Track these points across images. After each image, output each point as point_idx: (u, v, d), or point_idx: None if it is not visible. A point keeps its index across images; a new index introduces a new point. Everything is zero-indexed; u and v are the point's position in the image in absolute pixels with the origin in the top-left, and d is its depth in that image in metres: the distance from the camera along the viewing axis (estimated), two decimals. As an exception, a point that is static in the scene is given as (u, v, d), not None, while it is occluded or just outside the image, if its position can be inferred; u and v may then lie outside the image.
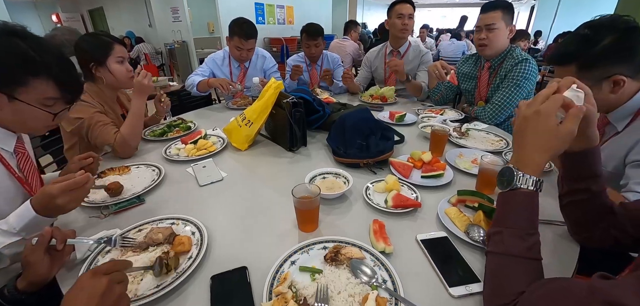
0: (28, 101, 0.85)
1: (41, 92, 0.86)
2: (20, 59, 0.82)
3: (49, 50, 0.88)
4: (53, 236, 0.69)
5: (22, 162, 0.96)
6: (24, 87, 0.84)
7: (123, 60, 1.48)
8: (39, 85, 0.85)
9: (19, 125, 0.92)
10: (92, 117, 1.35)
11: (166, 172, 1.20)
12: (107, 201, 1.01)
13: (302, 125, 1.35)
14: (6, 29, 0.83)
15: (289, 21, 8.85)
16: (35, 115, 0.88)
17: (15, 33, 0.83)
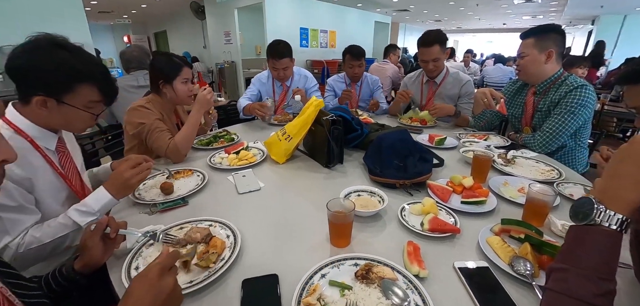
0: (74, 104, 0.95)
1: (85, 97, 0.96)
2: (68, 69, 0.91)
3: (91, 60, 0.98)
4: (108, 225, 0.76)
5: (62, 160, 1.06)
6: (70, 92, 0.93)
7: (187, 81, 1.64)
8: (83, 91, 0.95)
9: (64, 126, 1.02)
10: (152, 123, 1.49)
11: (209, 178, 1.28)
12: (156, 200, 1.11)
13: (339, 143, 1.37)
14: (52, 41, 0.92)
15: (330, 45, 9.13)
16: (79, 116, 0.98)
17: (61, 45, 0.93)
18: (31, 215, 0.92)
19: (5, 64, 0.90)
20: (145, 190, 1.19)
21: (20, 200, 0.89)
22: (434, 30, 2.11)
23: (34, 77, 0.90)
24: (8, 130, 0.93)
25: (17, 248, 0.87)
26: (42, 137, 0.98)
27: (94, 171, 1.34)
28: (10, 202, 0.86)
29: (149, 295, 0.51)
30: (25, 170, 0.90)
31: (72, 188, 1.06)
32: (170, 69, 1.60)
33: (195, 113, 1.55)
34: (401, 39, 16.03)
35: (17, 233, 0.88)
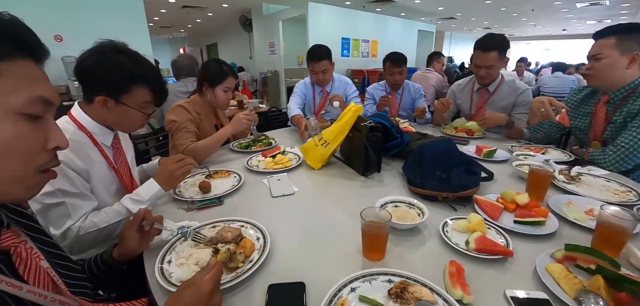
0: (130, 104, 1.04)
1: (139, 97, 1.04)
2: (126, 71, 1.00)
3: (146, 64, 1.06)
4: (144, 218, 0.79)
5: (116, 155, 1.15)
6: (127, 93, 1.02)
7: (228, 90, 1.74)
8: (138, 91, 1.04)
9: (119, 124, 1.10)
10: (182, 122, 1.59)
11: (245, 180, 1.30)
12: (194, 197, 1.14)
13: (377, 151, 1.31)
14: (114, 47, 1.01)
15: (372, 54, 9.05)
16: (133, 116, 1.06)
17: (121, 50, 1.02)
18: (90, 202, 1.01)
19: (75, 66, 1.01)
20: (185, 188, 1.24)
21: (81, 187, 0.97)
22: (497, 35, 1.93)
23: (98, 78, 1.00)
24: (72, 125, 1.03)
25: (78, 231, 0.95)
26: (101, 134, 1.07)
27: (144, 167, 1.44)
28: (72, 188, 0.95)
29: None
30: (85, 162, 0.98)
31: (122, 182, 1.14)
32: (217, 75, 1.71)
33: (226, 129, 1.64)
34: (446, 48, 15.40)
35: (78, 217, 0.96)
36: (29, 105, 0.46)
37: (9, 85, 0.44)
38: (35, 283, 0.51)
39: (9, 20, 0.46)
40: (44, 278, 0.53)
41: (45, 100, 0.48)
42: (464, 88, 2.28)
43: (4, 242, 0.49)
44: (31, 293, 0.48)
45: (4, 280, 0.45)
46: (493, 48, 1.91)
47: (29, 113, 0.46)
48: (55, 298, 0.51)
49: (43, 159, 0.50)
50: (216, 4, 8.51)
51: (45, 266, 0.54)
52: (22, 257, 0.51)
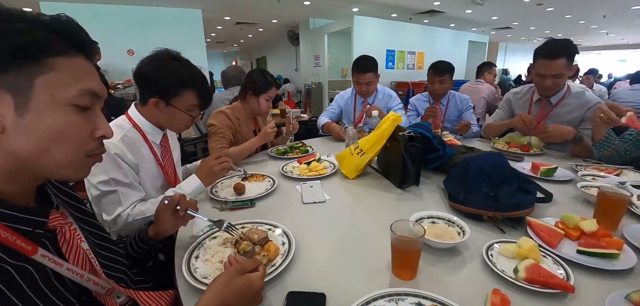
0: (179, 107, 1.13)
1: (187, 100, 1.13)
2: (178, 77, 1.10)
3: (195, 71, 1.15)
4: (179, 203, 0.83)
5: (164, 153, 1.24)
6: (177, 96, 1.11)
7: (270, 100, 1.82)
8: (186, 95, 1.13)
9: (168, 124, 1.20)
10: (220, 127, 1.68)
11: (279, 184, 1.30)
12: (228, 198, 1.17)
13: (416, 162, 1.23)
14: (170, 55, 1.12)
15: (418, 66, 8.77)
16: (180, 117, 1.15)
17: (175, 57, 1.12)
18: (138, 192, 1.10)
19: (134, 71, 1.14)
20: (221, 188, 1.28)
21: (131, 179, 1.08)
22: (562, 40, 1.70)
23: (152, 83, 1.11)
24: (128, 123, 1.14)
25: (126, 217, 1.04)
26: (152, 132, 1.18)
27: (187, 166, 1.53)
28: (124, 178, 1.05)
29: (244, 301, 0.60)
30: (136, 157, 1.09)
31: (167, 178, 1.24)
32: (261, 84, 1.79)
33: (255, 140, 1.71)
34: (500, 60, 14.37)
35: (127, 205, 1.06)
36: (79, 97, 0.50)
37: (62, 79, 0.48)
38: (74, 262, 0.55)
39: (65, 21, 0.51)
40: (82, 258, 0.57)
41: (93, 93, 0.52)
42: (521, 97, 2.03)
43: (51, 222, 0.54)
44: (69, 270, 0.52)
45: (48, 256, 0.50)
46: (560, 55, 1.67)
47: (79, 104, 0.50)
48: (90, 278, 0.55)
49: (91, 146, 0.54)
50: (266, 20, 8.98)
51: (85, 247, 0.58)
52: (66, 237, 0.55)
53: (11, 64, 0.45)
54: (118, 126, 1.12)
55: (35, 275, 0.48)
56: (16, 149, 0.47)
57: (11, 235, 0.47)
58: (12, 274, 0.46)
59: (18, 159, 0.48)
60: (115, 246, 0.72)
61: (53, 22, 0.49)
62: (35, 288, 0.48)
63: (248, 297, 0.60)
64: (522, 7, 7.37)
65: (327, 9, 7.59)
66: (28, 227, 0.50)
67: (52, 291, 0.50)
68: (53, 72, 0.47)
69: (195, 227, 0.91)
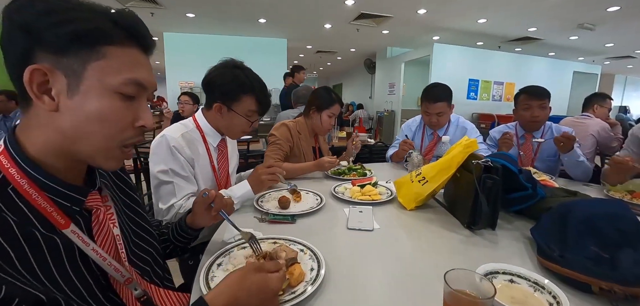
0: (238, 111, 1.16)
1: (247, 105, 1.16)
2: (239, 82, 1.14)
3: (255, 78, 1.18)
4: (214, 200, 0.81)
5: (219, 157, 1.28)
6: (237, 101, 1.15)
7: (332, 116, 1.80)
8: (246, 100, 1.16)
9: (227, 129, 1.24)
10: (279, 138, 1.69)
11: (326, 204, 1.20)
12: (271, 210, 1.12)
13: (493, 199, 0.98)
14: (233, 64, 1.19)
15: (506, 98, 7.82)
16: (239, 122, 1.19)
17: (238, 66, 1.17)
18: (193, 185, 1.16)
19: (202, 79, 1.22)
20: (267, 200, 1.24)
21: (188, 172, 1.14)
22: None
23: (216, 87, 1.17)
24: (192, 123, 1.24)
25: (179, 208, 1.10)
26: (211, 135, 1.25)
27: (241, 174, 1.56)
28: (181, 170, 1.12)
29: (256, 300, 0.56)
30: (193, 152, 1.16)
31: (217, 181, 1.27)
32: (325, 100, 1.79)
33: (311, 165, 1.65)
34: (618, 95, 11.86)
35: (181, 196, 1.11)
36: (124, 85, 0.51)
37: (113, 66, 0.50)
38: (101, 244, 0.56)
39: (126, 14, 0.53)
40: (110, 242, 0.58)
41: (139, 84, 0.53)
42: None
43: (89, 202, 0.56)
44: (94, 251, 0.54)
45: (78, 234, 0.52)
46: None
47: (124, 92, 0.52)
48: (112, 263, 0.56)
49: (129, 134, 0.55)
50: (345, 49, 9.28)
51: (115, 233, 0.60)
52: (99, 219, 0.57)
53: (71, 48, 0.47)
54: (182, 124, 1.22)
55: (61, 248, 0.50)
56: (64, 128, 0.49)
57: (49, 206, 0.50)
58: (40, 242, 0.48)
59: (66, 137, 0.50)
60: (152, 238, 0.73)
61: (114, 14, 0.51)
62: (58, 262, 0.49)
63: (262, 297, 0.57)
64: (653, 32, 6.02)
65: (406, 38, 7.46)
66: (66, 202, 0.52)
67: (73, 268, 0.51)
68: (105, 59, 0.49)
69: (227, 233, 0.87)
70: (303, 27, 6.86)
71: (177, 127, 1.21)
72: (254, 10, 5.70)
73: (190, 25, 6.72)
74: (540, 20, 5.75)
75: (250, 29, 6.94)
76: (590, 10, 5.06)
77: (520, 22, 5.92)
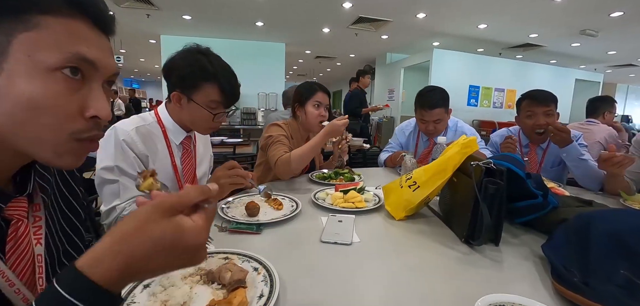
0: (198, 102, 1.00)
1: (208, 95, 1.01)
2: (198, 68, 0.99)
3: (221, 64, 1.03)
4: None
5: (184, 157, 1.13)
6: (197, 90, 1.00)
7: (319, 105, 1.60)
8: (207, 89, 1.01)
9: (191, 123, 1.09)
10: (277, 136, 1.50)
11: (302, 212, 1.05)
12: (237, 218, 0.96)
13: (497, 209, 0.82)
14: (197, 49, 1.03)
15: (507, 105, 7.70)
16: (201, 115, 1.02)
17: (202, 51, 1.02)
18: None
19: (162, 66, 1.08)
20: (235, 205, 1.07)
21: (138, 170, 0.97)
22: None
23: (175, 75, 1.02)
24: (152, 117, 1.09)
25: (121, 211, 0.95)
26: (173, 130, 1.09)
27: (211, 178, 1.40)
28: (129, 168, 0.96)
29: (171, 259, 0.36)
30: (147, 148, 1.01)
31: (178, 183, 1.11)
32: (306, 91, 1.61)
33: (320, 135, 1.41)
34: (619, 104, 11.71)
35: (126, 198, 0.96)
36: (63, 62, 0.39)
37: (46, 40, 0.38)
38: (13, 265, 0.45)
39: None
40: (26, 263, 0.46)
41: (85, 61, 0.40)
42: None
43: (8, 211, 0.45)
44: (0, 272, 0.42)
45: None
46: None
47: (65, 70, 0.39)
48: (20, 290, 0.44)
49: (78, 126, 0.42)
50: (344, 55, 9.20)
51: (38, 252, 0.48)
52: (17, 234, 0.45)
53: None
54: (139, 117, 1.08)
55: None
56: None
57: None
58: None
59: None
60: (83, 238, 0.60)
61: None
62: None
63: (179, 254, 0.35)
64: (656, 39, 5.91)
65: (405, 43, 7.36)
66: None
67: None
68: (37, 30, 0.38)
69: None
70: (301, 31, 6.77)
71: (132, 119, 1.05)
72: (251, 13, 5.61)
73: (187, 28, 6.64)
74: (542, 26, 5.64)
75: (248, 32, 6.86)
76: (593, 15, 4.94)
77: (522, 28, 5.81)
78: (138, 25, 6.44)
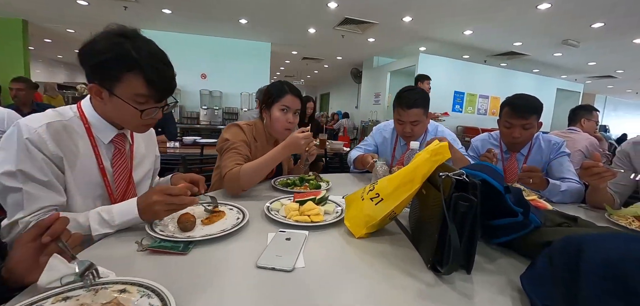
0: (121, 96, 0.83)
1: (132, 88, 0.84)
2: (120, 55, 0.81)
3: (150, 50, 0.84)
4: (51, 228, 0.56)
5: (116, 157, 0.95)
6: (120, 82, 0.83)
7: (287, 110, 1.43)
8: (130, 80, 0.83)
9: (119, 121, 0.92)
10: (235, 141, 1.32)
11: (247, 225, 0.89)
12: (175, 235, 0.79)
13: (469, 231, 0.68)
14: (119, 31, 0.84)
15: (492, 112, 7.76)
16: (127, 111, 0.85)
17: (125, 35, 0.83)
18: (55, 195, 0.82)
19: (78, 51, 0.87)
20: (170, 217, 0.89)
21: (50, 175, 0.81)
22: None
23: (91, 63, 0.84)
24: (72, 112, 0.91)
25: (25, 226, 0.78)
26: (99, 127, 0.92)
27: (158, 182, 1.22)
28: (39, 174, 0.79)
29: None
30: (62, 149, 0.83)
31: (108, 189, 0.93)
32: (274, 91, 1.44)
33: (278, 150, 1.25)
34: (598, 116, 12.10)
35: (31, 210, 0.79)
36: None
37: None
38: None
39: None
40: None
41: None
42: None
43: None
44: None
45: None
46: None
47: None
48: None
49: None
50: (331, 56, 9.10)
51: None
52: None
53: None
54: (56, 112, 0.89)
55: None
56: None
57: None
58: None
59: None
60: None
61: None
62: None
63: None
64: (632, 51, 6.05)
65: (392, 47, 7.33)
66: None
67: None
68: None
69: (46, 274, 0.53)
70: (286, 31, 6.62)
71: (45, 114, 0.87)
72: (234, 9, 5.43)
73: (167, 23, 6.39)
74: (526, 35, 5.69)
75: (232, 30, 6.67)
76: (575, 26, 5.00)
77: (506, 36, 5.84)
78: (115, 19, 6.13)
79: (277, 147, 1.25)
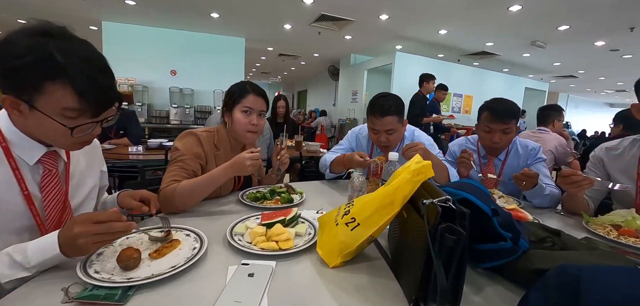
0: (44, 111, 0.67)
1: (57, 101, 0.67)
2: (40, 60, 0.65)
3: (78, 51, 0.68)
4: None
5: (46, 180, 0.78)
6: (41, 94, 0.66)
7: (249, 111, 1.28)
8: (56, 92, 0.67)
9: (45, 138, 0.76)
10: (184, 154, 1.18)
11: (205, 256, 0.76)
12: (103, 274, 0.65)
13: (456, 266, 0.60)
14: (42, 28, 0.67)
15: (465, 110, 7.97)
16: (52, 127, 0.69)
17: (49, 33, 0.66)
18: None
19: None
20: (110, 252, 0.75)
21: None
22: None
23: (3, 68, 0.67)
24: None
25: None
26: (21, 145, 0.74)
27: (106, 199, 1.06)
28: None
29: None
30: None
31: (36, 219, 0.77)
32: (234, 94, 1.29)
33: (221, 170, 1.12)
34: (560, 113, 12.95)
35: None
36: None
37: None
38: None
39: None
40: None
41: None
42: (621, 154, 1.37)
43: None
44: None
45: None
46: None
47: None
48: None
49: None
50: (308, 53, 8.95)
51: None
52: None
53: None
54: None
55: None
56: None
57: None
58: None
59: None
60: None
61: None
62: None
63: None
64: (593, 53, 6.42)
65: (369, 45, 7.30)
66: None
67: None
68: None
69: None
70: (261, 26, 6.40)
71: None
72: (204, 2, 5.14)
73: (132, 15, 5.95)
74: (497, 36, 5.85)
75: (204, 24, 6.35)
76: (543, 28, 5.20)
77: (479, 36, 5.98)
78: (71, 9, 5.65)
79: (220, 167, 1.12)
